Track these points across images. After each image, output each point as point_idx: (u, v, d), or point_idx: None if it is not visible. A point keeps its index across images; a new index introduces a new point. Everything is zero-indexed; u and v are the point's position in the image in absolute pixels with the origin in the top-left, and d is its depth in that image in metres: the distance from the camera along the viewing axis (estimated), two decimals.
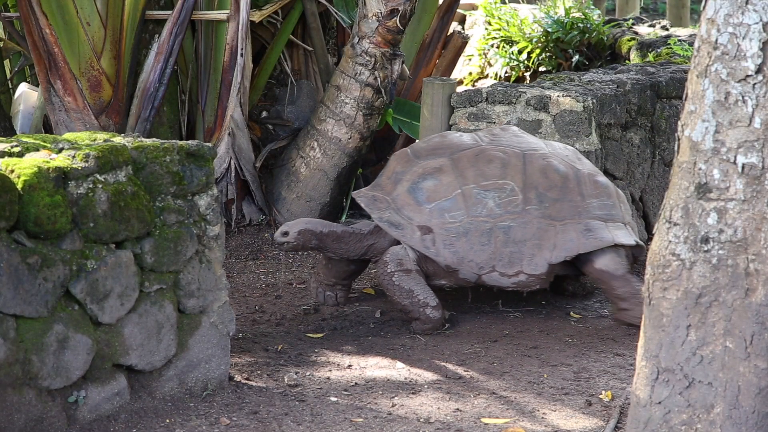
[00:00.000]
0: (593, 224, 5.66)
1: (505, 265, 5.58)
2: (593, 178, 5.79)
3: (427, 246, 5.59)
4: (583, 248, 5.61)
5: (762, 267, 3.36)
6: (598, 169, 5.97)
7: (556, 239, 5.60)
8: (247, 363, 5.09)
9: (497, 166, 5.66)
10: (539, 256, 5.59)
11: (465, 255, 5.57)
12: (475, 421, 4.44)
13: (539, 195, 5.64)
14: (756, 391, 3.39)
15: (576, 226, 5.63)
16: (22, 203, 3.95)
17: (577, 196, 5.69)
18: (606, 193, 5.77)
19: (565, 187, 5.68)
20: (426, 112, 6.73)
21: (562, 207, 5.65)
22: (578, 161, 5.87)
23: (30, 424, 4.03)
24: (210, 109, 6.98)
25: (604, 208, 5.73)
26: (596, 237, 5.62)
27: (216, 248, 4.60)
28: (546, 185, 5.66)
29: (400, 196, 5.68)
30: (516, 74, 10.62)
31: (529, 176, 5.66)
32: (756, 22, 3.34)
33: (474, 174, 5.63)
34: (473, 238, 5.57)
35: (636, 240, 5.76)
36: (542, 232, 5.60)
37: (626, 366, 5.12)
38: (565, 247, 5.60)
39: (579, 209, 5.67)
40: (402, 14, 6.88)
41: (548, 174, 5.68)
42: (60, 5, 6.41)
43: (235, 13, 6.81)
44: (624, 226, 5.77)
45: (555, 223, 5.62)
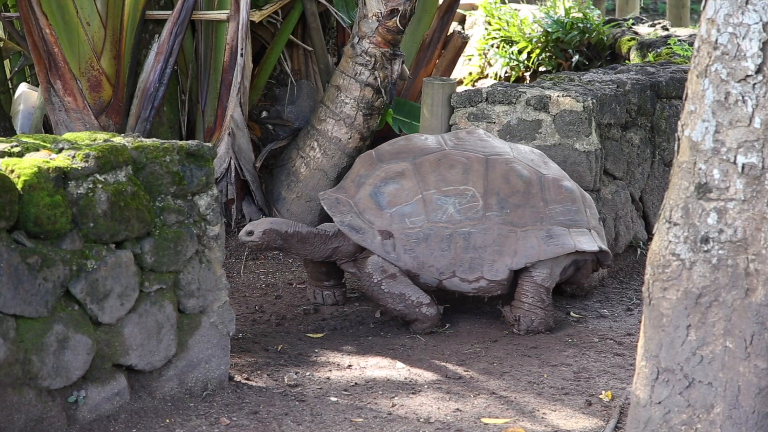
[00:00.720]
0: (555, 230, 5.64)
1: (466, 271, 5.57)
2: (558, 183, 5.77)
3: (387, 251, 5.57)
4: (543, 255, 5.59)
5: (762, 267, 3.36)
6: (565, 173, 5.96)
7: (516, 245, 5.59)
8: (247, 363, 5.09)
9: (459, 171, 5.64)
10: (500, 262, 5.57)
11: (425, 260, 5.56)
12: (475, 421, 4.44)
13: (500, 201, 5.62)
14: (756, 391, 3.39)
15: (537, 232, 5.62)
16: (22, 203, 3.95)
17: (540, 201, 5.67)
18: (570, 198, 5.75)
19: (527, 193, 5.66)
20: (426, 112, 6.73)
21: (523, 213, 5.63)
22: (544, 165, 5.85)
23: (30, 424, 4.03)
24: (210, 109, 6.98)
25: (567, 213, 5.71)
26: (557, 243, 5.61)
27: (216, 248, 4.60)
28: (508, 191, 5.64)
29: (362, 200, 5.66)
30: (516, 74, 10.62)
31: (490, 182, 5.64)
32: (756, 22, 3.34)
33: (435, 179, 5.62)
34: (433, 244, 5.55)
35: (600, 245, 5.73)
36: (503, 239, 5.58)
37: (626, 366, 5.12)
38: (526, 253, 5.58)
39: (541, 215, 5.65)
40: (402, 14, 6.88)
41: (510, 179, 5.65)
42: (60, 5, 6.41)
43: (235, 13, 6.80)
44: (588, 231, 5.75)
45: (516, 229, 5.60)
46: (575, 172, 6.39)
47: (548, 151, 6.43)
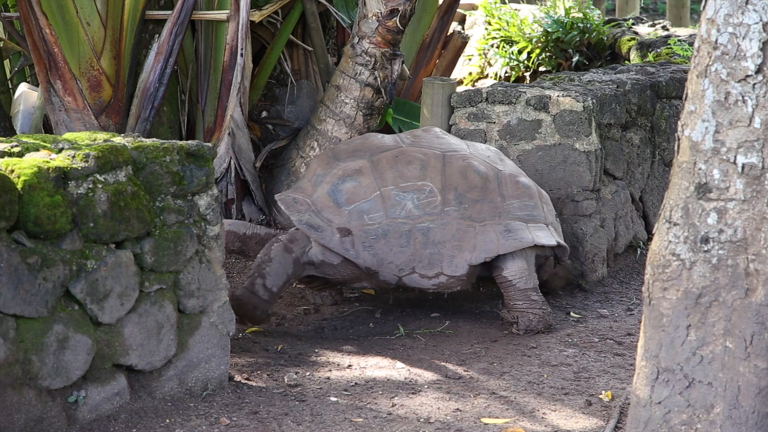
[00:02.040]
0: (513, 225, 5.64)
1: (425, 267, 5.56)
2: (515, 179, 5.77)
3: (346, 248, 5.55)
4: (502, 249, 5.59)
5: (762, 267, 3.36)
6: (521, 170, 5.97)
7: (476, 240, 5.58)
8: (247, 363, 5.09)
9: (416, 167, 5.63)
10: (459, 258, 5.57)
11: (384, 257, 5.54)
12: (475, 421, 4.45)
13: (459, 196, 5.61)
14: (756, 391, 3.39)
15: (496, 227, 5.61)
16: (22, 203, 3.95)
17: (498, 197, 5.67)
18: (527, 193, 5.75)
19: (485, 188, 5.66)
20: (426, 112, 6.73)
21: (482, 208, 5.63)
22: (500, 162, 5.85)
23: (30, 424, 4.03)
24: (210, 109, 6.98)
25: (525, 209, 5.71)
26: (516, 238, 5.61)
27: (216, 248, 4.60)
28: (465, 186, 5.63)
29: (320, 198, 5.63)
30: (516, 74, 10.63)
31: (448, 177, 5.63)
32: (756, 22, 3.34)
33: (393, 175, 5.60)
34: (392, 240, 5.54)
35: (557, 240, 5.74)
36: (462, 234, 5.57)
37: (626, 366, 5.12)
38: (485, 248, 5.58)
39: (499, 210, 5.65)
40: (402, 14, 6.88)
41: (468, 175, 5.65)
42: (60, 5, 6.41)
43: (235, 13, 6.80)
44: (546, 226, 5.75)
45: (474, 224, 5.60)
46: (575, 172, 6.39)
47: (548, 151, 6.43)
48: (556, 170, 6.43)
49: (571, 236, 6.42)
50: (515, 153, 6.50)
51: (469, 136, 6.58)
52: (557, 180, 6.43)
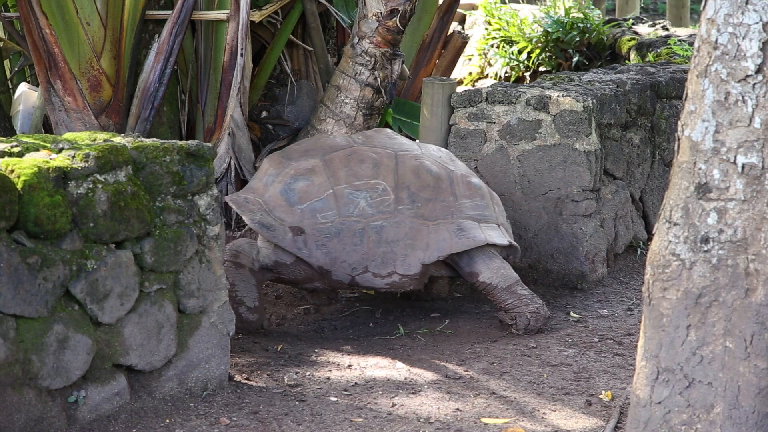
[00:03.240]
0: (466, 224, 5.63)
1: (378, 266, 5.54)
2: (466, 179, 5.77)
3: (299, 247, 5.52)
4: (455, 248, 5.57)
5: (762, 267, 3.36)
6: (472, 171, 5.97)
7: (429, 239, 5.57)
8: (247, 363, 5.09)
9: (369, 166, 5.61)
10: (412, 256, 5.55)
11: (337, 256, 5.52)
12: (475, 421, 4.45)
13: (411, 195, 5.60)
14: (756, 391, 3.39)
15: (449, 226, 5.60)
16: (22, 203, 3.95)
17: (450, 196, 5.66)
18: (479, 194, 5.75)
19: (437, 188, 5.65)
20: (426, 112, 6.73)
21: (434, 207, 5.62)
22: (451, 163, 5.85)
23: (30, 424, 4.03)
24: (210, 109, 6.98)
25: (477, 208, 5.70)
26: (469, 237, 5.59)
27: (216, 248, 4.60)
28: (418, 185, 5.62)
29: (272, 198, 5.60)
30: (516, 74, 10.63)
31: (401, 176, 5.62)
32: (756, 22, 3.34)
33: (346, 174, 5.59)
34: (345, 239, 5.51)
35: (509, 240, 5.73)
36: (415, 232, 5.56)
37: (626, 366, 5.12)
38: (438, 246, 5.56)
39: (452, 209, 5.64)
40: (402, 14, 6.88)
41: (421, 174, 5.64)
42: (60, 5, 6.41)
43: (235, 13, 6.80)
44: (497, 226, 5.74)
45: (428, 222, 5.58)
46: (575, 172, 6.39)
47: (548, 151, 6.43)
48: (556, 170, 6.43)
49: (571, 236, 6.43)
50: (515, 153, 6.50)
51: (469, 136, 6.59)
52: (557, 180, 6.44)
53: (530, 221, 6.51)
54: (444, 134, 6.70)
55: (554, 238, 6.47)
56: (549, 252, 6.49)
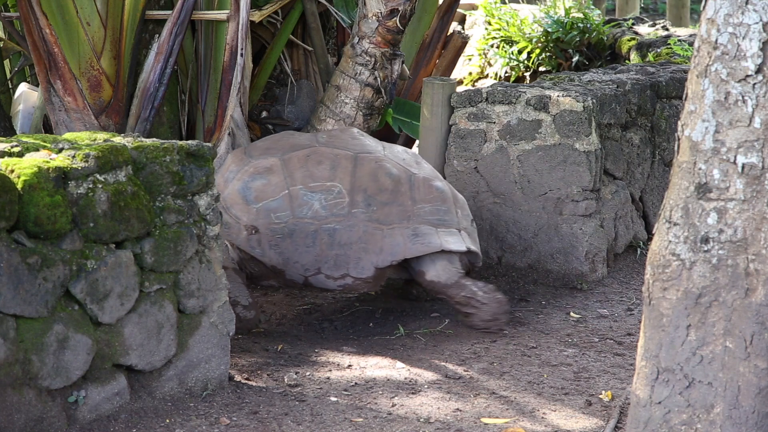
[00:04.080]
0: (422, 229, 5.61)
1: (331, 268, 5.54)
2: (429, 182, 5.73)
3: (252, 246, 5.53)
4: (409, 253, 5.56)
5: (762, 267, 3.36)
6: (438, 174, 5.93)
7: (383, 243, 5.55)
8: (247, 363, 5.09)
9: (327, 167, 5.60)
10: (366, 260, 5.54)
11: (290, 256, 5.52)
12: (475, 421, 4.45)
13: (367, 198, 5.58)
14: (756, 391, 3.39)
15: (404, 230, 5.58)
16: (22, 203, 3.95)
17: (408, 200, 5.63)
18: (441, 198, 5.71)
19: (396, 191, 5.62)
20: (426, 112, 6.73)
21: (391, 211, 5.59)
22: (416, 165, 5.81)
23: (30, 424, 4.03)
24: (210, 109, 6.98)
25: (436, 213, 5.67)
26: (423, 242, 5.58)
27: (216, 248, 4.60)
28: (375, 188, 5.60)
29: (230, 195, 5.61)
30: (516, 74, 10.63)
31: (358, 179, 5.60)
32: (756, 22, 3.34)
33: (303, 175, 5.58)
34: (298, 240, 5.51)
35: (468, 246, 5.70)
36: (368, 236, 5.54)
37: (626, 366, 5.12)
38: (392, 251, 5.55)
39: (409, 214, 5.61)
40: (402, 14, 6.88)
41: (379, 177, 5.62)
42: (60, 5, 6.41)
43: (235, 13, 6.80)
44: (458, 232, 5.71)
45: (382, 227, 5.56)
46: (575, 172, 6.39)
47: (548, 151, 6.43)
48: (556, 170, 6.43)
49: (571, 236, 6.43)
50: (515, 153, 6.50)
51: (469, 136, 6.59)
52: (557, 180, 6.44)
53: (530, 221, 6.51)
54: (444, 134, 6.70)
55: (554, 238, 6.47)
56: (549, 252, 6.49)
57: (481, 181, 6.60)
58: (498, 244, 6.59)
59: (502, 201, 6.57)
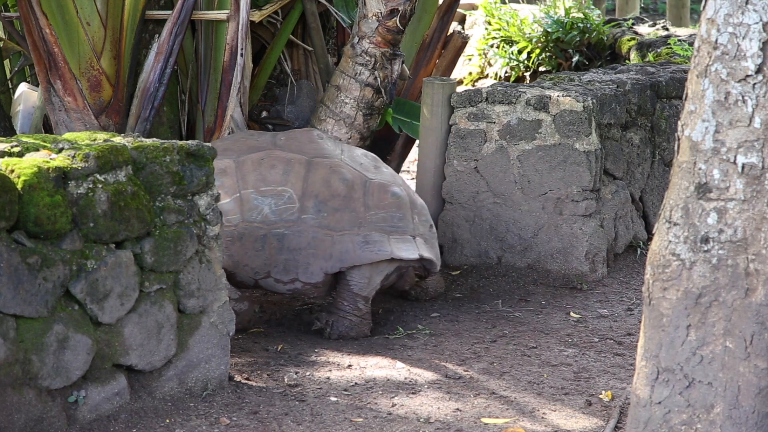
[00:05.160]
0: (373, 236, 5.59)
1: (281, 272, 5.53)
2: (385, 188, 5.69)
3: None
4: (359, 260, 5.54)
5: (762, 267, 3.36)
6: (398, 179, 5.88)
7: (332, 249, 5.54)
8: (247, 363, 5.09)
9: (279, 172, 5.59)
10: (315, 265, 5.53)
11: (240, 259, 5.51)
12: (475, 421, 4.45)
13: (318, 204, 5.57)
14: (756, 391, 3.39)
15: (354, 237, 5.56)
16: (22, 203, 3.95)
17: (361, 206, 5.61)
18: (396, 204, 5.68)
19: (348, 197, 5.61)
20: (426, 112, 6.73)
21: (342, 217, 5.58)
22: (374, 170, 5.79)
23: (30, 424, 4.03)
24: (210, 109, 6.98)
25: (390, 220, 5.64)
26: (374, 249, 5.56)
27: (216, 248, 4.60)
28: (327, 194, 5.58)
29: None
30: (516, 74, 10.63)
31: (310, 184, 5.59)
32: (756, 22, 3.34)
33: (255, 179, 5.57)
34: (248, 244, 5.51)
35: (421, 253, 5.67)
36: (318, 242, 5.53)
37: (626, 366, 5.12)
38: (341, 258, 5.54)
39: (360, 220, 5.60)
40: (402, 14, 6.88)
41: (332, 183, 5.60)
42: (60, 5, 6.40)
43: (235, 13, 6.80)
44: (412, 238, 5.69)
45: (332, 233, 5.55)
46: (575, 172, 6.39)
47: (548, 151, 6.43)
48: (556, 170, 6.43)
49: (571, 236, 6.43)
50: (515, 153, 6.50)
51: (469, 136, 6.59)
52: (557, 180, 6.44)
53: (530, 221, 6.51)
54: (444, 134, 6.70)
55: (554, 238, 6.47)
56: (549, 252, 6.49)
57: (481, 181, 6.60)
58: (498, 244, 6.59)
59: (502, 201, 6.57)
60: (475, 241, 6.63)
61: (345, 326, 5.59)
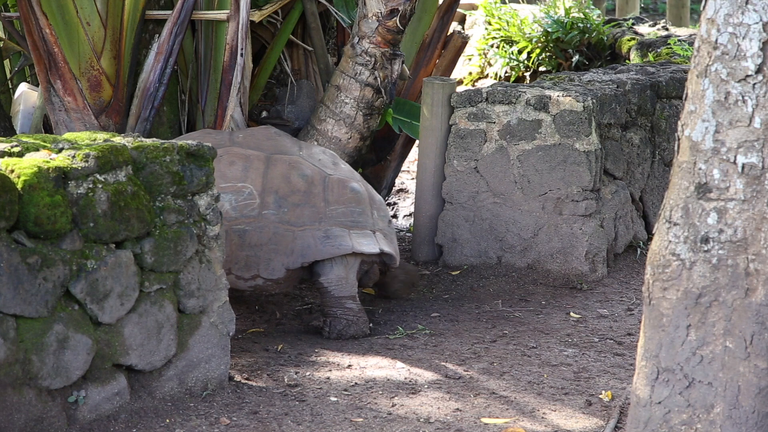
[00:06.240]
0: (334, 231, 5.60)
1: (242, 269, 5.53)
2: (344, 184, 5.71)
3: None
4: (320, 254, 5.55)
5: (762, 267, 3.36)
6: (356, 175, 5.91)
7: (293, 245, 5.54)
8: (247, 363, 5.09)
9: (239, 168, 5.60)
10: (276, 261, 5.53)
11: None
12: (475, 421, 4.45)
13: (279, 200, 5.57)
14: (756, 391, 3.39)
15: (315, 232, 5.57)
16: (22, 203, 3.95)
17: (321, 201, 5.62)
18: (355, 199, 5.70)
19: (308, 193, 5.62)
20: (426, 112, 6.73)
21: (302, 212, 5.59)
22: (332, 166, 5.80)
23: (30, 424, 4.03)
24: (210, 109, 6.98)
25: (350, 215, 5.66)
26: (334, 244, 5.57)
27: (216, 248, 4.60)
28: (287, 190, 5.59)
29: None
30: (516, 74, 10.63)
31: (270, 180, 5.60)
32: (756, 22, 3.34)
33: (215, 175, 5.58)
34: None
35: (381, 248, 5.68)
36: (279, 237, 5.53)
37: (626, 366, 5.12)
38: (303, 253, 5.54)
39: (321, 215, 5.60)
40: (402, 14, 6.88)
41: (291, 179, 5.61)
42: (60, 5, 6.40)
43: (235, 13, 6.80)
44: (372, 233, 5.70)
45: (293, 228, 5.55)
46: (575, 172, 6.39)
47: (548, 151, 6.43)
48: (556, 170, 6.43)
49: (571, 236, 6.43)
50: (515, 153, 6.50)
51: (469, 136, 6.59)
52: (557, 180, 6.44)
53: (530, 221, 6.51)
54: (444, 134, 6.70)
55: (554, 238, 6.47)
56: (549, 252, 6.49)
57: (481, 181, 6.60)
58: (498, 244, 6.59)
59: (502, 201, 6.57)
60: (475, 241, 6.63)
61: (343, 326, 5.59)
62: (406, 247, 7.19)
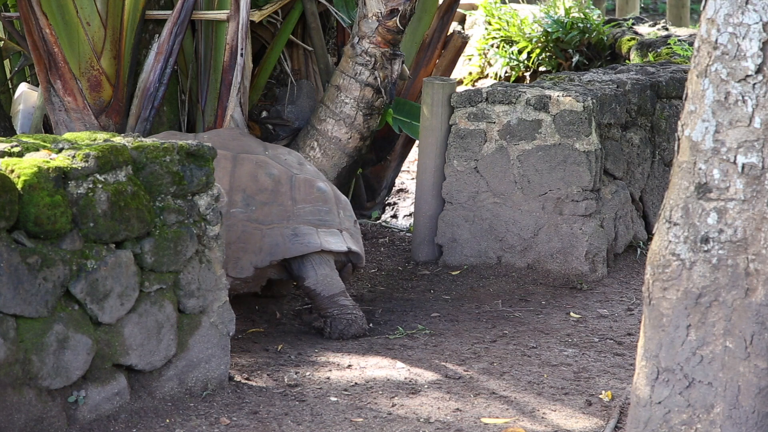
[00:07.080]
0: (302, 229, 5.60)
1: None
2: (310, 183, 5.72)
3: None
4: (288, 252, 5.54)
5: (762, 267, 3.36)
6: (321, 175, 5.91)
7: (262, 243, 5.54)
8: (247, 363, 5.09)
9: None
10: (245, 260, 5.53)
11: None
12: (475, 421, 4.45)
13: (246, 198, 5.57)
14: (756, 391, 3.39)
15: (283, 230, 5.56)
16: (22, 203, 3.95)
17: (289, 200, 5.62)
18: (322, 198, 5.70)
19: (275, 191, 5.62)
20: (426, 112, 6.73)
21: (270, 211, 5.59)
22: (298, 166, 5.81)
23: (30, 424, 4.03)
24: (210, 109, 6.98)
25: (317, 213, 5.66)
26: (303, 242, 5.57)
27: (216, 248, 4.60)
28: (255, 188, 5.59)
29: None
30: (516, 74, 10.63)
31: (237, 179, 5.60)
32: (756, 22, 3.34)
33: None
34: None
35: (349, 246, 5.68)
36: (247, 236, 5.53)
37: (626, 366, 5.12)
38: (271, 251, 5.54)
39: (288, 214, 5.60)
40: (402, 14, 6.88)
41: (258, 177, 5.62)
42: (60, 5, 6.41)
43: (235, 13, 6.80)
44: (339, 232, 5.70)
45: (261, 226, 5.55)
46: (575, 172, 6.39)
47: (548, 151, 6.43)
48: (556, 170, 6.43)
49: (571, 236, 6.43)
50: (515, 153, 6.50)
51: (469, 136, 6.59)
52: (557, 180, 6.44)
53: (530, 221, 6.51)
54: (444, 134, 6.70)
55: (554, 238, 6.47)
56: (549, 252, 6.49)
57: (481, 181, 6.60)
58: (498, 244, 6.59)
59: (502, 201, 6.57)
60: (475, 241, 6.63)
61: (344, 326, 5.59)
62: (406, 247, 7.19)
